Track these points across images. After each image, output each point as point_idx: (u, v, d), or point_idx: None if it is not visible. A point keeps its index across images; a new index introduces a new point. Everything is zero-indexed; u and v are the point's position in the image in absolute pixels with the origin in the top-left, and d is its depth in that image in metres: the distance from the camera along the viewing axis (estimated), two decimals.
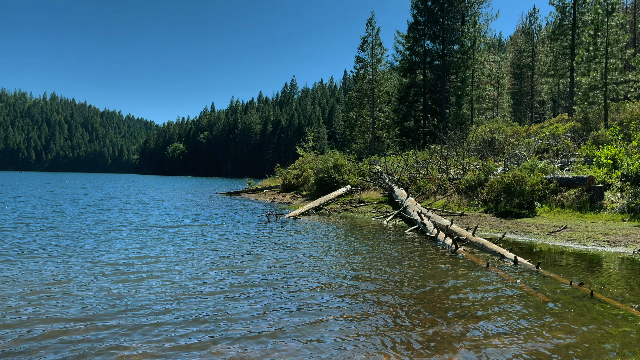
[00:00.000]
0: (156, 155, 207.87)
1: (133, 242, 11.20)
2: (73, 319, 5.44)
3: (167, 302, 6.14)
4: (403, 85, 48.54)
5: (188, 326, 5.25)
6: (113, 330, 5.12)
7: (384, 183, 21.97)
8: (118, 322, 5.37)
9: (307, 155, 39.18)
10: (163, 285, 7.01)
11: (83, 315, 5.59)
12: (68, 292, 6.56)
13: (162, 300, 6.25)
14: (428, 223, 12.99)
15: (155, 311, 5.77)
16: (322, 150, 58.95)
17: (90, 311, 5.75)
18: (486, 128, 27.99)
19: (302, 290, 6.85)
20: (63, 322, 5.35)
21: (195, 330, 5.13)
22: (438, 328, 5.28)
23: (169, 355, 4.49)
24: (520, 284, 7.31)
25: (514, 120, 48.93)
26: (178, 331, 5.10)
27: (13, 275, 7.51)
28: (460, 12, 45.60)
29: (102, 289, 6.74)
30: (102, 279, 7.36)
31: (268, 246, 10.85)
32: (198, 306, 5.99)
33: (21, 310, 5.72)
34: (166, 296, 6.43)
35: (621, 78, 26.01)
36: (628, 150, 16.83)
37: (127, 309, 5.85)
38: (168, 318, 5.52)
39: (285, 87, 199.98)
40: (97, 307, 5.90)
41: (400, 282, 7.40)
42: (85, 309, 5.82)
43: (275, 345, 4.77)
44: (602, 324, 5.46)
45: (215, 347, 4.70)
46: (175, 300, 6.22)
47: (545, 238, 11.78)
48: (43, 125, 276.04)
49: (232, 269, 8.23)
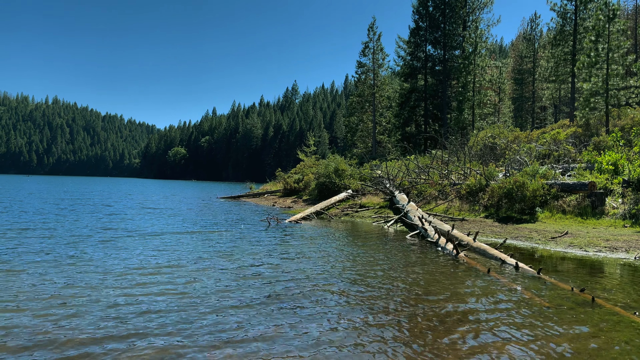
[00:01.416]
0: (157, 159, 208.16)
1: (140, 250, 11.18)
2: (91, 337, 5.42)
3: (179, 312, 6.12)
4: (404, 90, 48.61)
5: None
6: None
7: (385, 188, 21.97)
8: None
9: (308, 159, 39.21)
10: (177, 296, 6.99)
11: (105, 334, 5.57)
12: (81, 305, 6.53)
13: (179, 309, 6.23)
14: (429, 228, 12.97)
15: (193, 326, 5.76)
16: (323, 155, 58.99)
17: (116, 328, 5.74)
18: (487, 133, 28.00)
19: (308, 298, 6.84)
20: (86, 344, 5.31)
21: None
22: (438, 334, 5.27)
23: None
24: (521, 289, 7.29)
25: (515, 125, 48.95)
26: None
27: (22, 285, 7.49)
28: (462, 18, 45.72)
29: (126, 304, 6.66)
30: (123, 290, 7.32)
31: (269, 252, 10.84)
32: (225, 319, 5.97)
33: (38, 324, 5.70)
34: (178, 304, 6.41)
35: (622, 84, 26.03)
36: (629, 156, 16.83)
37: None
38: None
39: (286, 92, 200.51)
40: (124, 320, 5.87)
41: (401, 289, 7.38)
42: (116, 322, 5.80)
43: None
44: (604, 330, 5.44)
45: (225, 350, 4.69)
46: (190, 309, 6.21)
47: (546, 244, 11.76)
48: (45, 129, 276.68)
49: (251, 279, 8.22)
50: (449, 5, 45.70)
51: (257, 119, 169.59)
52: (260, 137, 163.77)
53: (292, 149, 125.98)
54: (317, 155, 45.96)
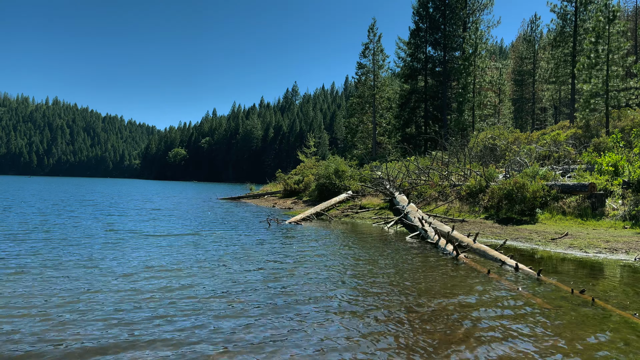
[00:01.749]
0: (157, 161, 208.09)
1: (141, 252, 11.18)
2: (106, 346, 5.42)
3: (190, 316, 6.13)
4: (404, 92, 48.63)
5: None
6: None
7: (385, 189, 21.98)
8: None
9: (308, 160, 39.23)
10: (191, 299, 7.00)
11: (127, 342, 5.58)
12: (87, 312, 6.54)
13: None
14: (429, 229, 12.98)
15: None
16: (323, 156, 59.03)
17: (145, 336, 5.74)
18: (487, 134, 28.02)
19: (307, 298, 6.85)
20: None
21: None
22: (439, 335, 5.27)
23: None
24: (521, 291, 7.30)
25: (515, 126, 48.97)
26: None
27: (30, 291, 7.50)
28: (462, 19, 45.76)
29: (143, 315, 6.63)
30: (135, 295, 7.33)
31: (269, 254, 10.85)
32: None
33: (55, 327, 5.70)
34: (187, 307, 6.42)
35: (622, 85, 26.05)
36: (629, 158, 16.85)
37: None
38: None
39: (286, 93, 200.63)
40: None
41: (402, 290, 7.39)
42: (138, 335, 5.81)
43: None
44: (604, 331, 5.44)
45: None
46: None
47: (546, 245, 11.77)
48: (45, 130, 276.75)
49: (262, 282, 8.22)
50: (449, 6, 45.75)
51: (257, 120, 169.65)
52: (260, 138, 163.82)
53: (292, 150, 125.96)
54: (317, 156, 46.03)
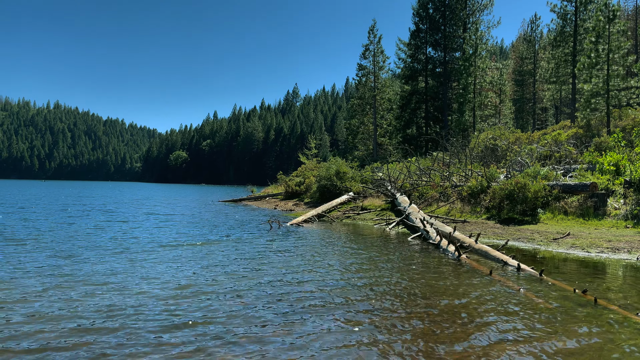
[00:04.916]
0: (159, 163, 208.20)
1: (144, 256, 11.19)
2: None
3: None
4: (405, 93, 48.63)
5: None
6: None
7: (387, 190, 21.97)
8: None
9: (309, 162, 39.23)
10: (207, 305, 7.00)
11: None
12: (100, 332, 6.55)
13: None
14: (431, 230, 12.97)
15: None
16: (324, 158, 59.00)
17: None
18: (488, 135, 28.00)
19: (306, 300, 6.86)
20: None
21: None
22: (441, 335, 5.27)
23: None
24: (523, 291, 7.29)
25: (516, 126, 48.93)
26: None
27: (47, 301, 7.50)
28: (462, 20, 45.77)
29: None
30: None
31: (271, 255, 10.85)
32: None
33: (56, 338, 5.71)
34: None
35: (623, 85, 26.03)
36: (631, 157, 16.81)
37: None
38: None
39: (287, 95, 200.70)
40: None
41: (404, 291, 7.39)
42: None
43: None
44: (606, 331, 5.43)
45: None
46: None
47: (548, 245, 11.75)
48: (46, 134, 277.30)
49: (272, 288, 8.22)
50: (449, 7, 45.77)
51: (258, 122, 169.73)
52: (261, 140, 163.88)
53: (294, 152, 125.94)
54: (319, 158, 45.99)
